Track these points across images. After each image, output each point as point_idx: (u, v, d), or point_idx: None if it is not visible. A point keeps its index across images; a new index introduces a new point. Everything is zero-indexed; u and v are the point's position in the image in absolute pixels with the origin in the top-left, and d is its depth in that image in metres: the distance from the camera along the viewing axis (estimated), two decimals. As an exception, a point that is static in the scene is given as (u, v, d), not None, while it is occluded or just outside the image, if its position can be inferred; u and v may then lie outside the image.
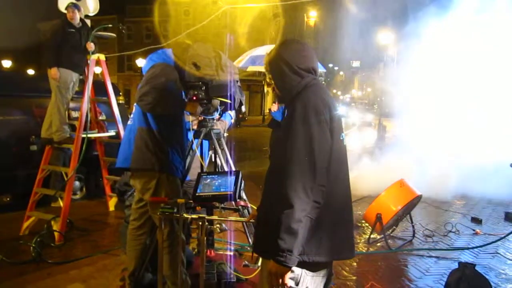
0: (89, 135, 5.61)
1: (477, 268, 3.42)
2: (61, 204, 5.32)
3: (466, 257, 4.94)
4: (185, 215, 2.82)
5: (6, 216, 6.08)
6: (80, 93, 5.89)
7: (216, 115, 3.81)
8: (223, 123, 4.55)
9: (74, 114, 6.41)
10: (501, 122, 8.67)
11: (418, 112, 9.88)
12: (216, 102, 3.62)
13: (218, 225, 3.03)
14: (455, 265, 3.58)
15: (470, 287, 3.08)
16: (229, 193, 2.73)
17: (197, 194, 2.77)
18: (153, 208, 3.17)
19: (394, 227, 5.67)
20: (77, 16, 5.69)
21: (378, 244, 5.36)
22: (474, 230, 5.93)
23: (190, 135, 3.69)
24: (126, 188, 3.82)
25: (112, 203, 6.54)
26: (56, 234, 5.07)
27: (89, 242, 5.21)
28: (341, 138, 2.11)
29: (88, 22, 6.02)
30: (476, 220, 6.31)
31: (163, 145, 3.27)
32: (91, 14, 6.07)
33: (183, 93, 3.43)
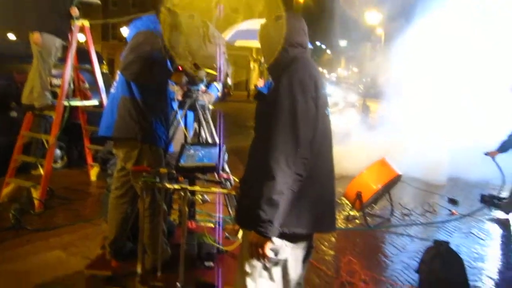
0: (71, 103, 5.53)
1: (451, 246, 3.52)
2: (42, 172, 5.27)
3: (442, 236, 5.06)
4: (167, 185, 2.83)
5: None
6: (63, 60, 5.76)
7: (202, 86, 3.78)
8: (209, 95, 4.52)
9: (57, 81, 6.27)
10: (486, 105, 8.79)
11: (403, 93, 9.96)
12: (202, 73, 3.59)
13: (200, 196, 3.04)
14: (430, 243, 3.68)
15: (444, 264, 3.17)
16: (212, 164, 2.74)
17: (180, 165, 2.78)
18: (135, 177, 3.17)
19: (373, 205, 5.77)
20: None
21: (357, 221, 5.46)
22: (450, 210, 6.06)
23: (175, 105, 3.67)
24: (108, 157, 3.81)
25: (93, 172, 6.50)
26: (36, 201, 5.04)
27: (70, 210, 5.20)
28: (326, 113, 2.12)
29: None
30: (453, 201, 6.45)
31: (147, 114, 3.23)
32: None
33: (168, 62, 3.38)
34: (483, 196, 6.39)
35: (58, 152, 7.02)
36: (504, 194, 6.13)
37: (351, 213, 5.54)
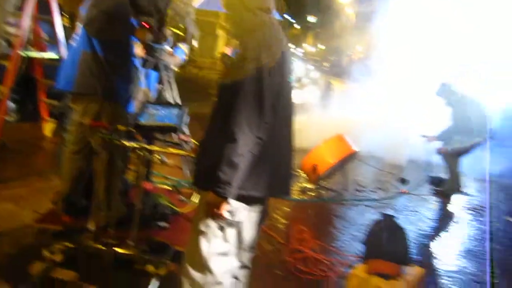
0: (29, 54, 5.31)
1: (397, 221, 3.68)
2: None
3: (390, 213, 5.27)
4: (125, 143, 2.80)
5: None
6: (21, 8, 5.48)
7: (167, 47, 3.71)
8: (175, 58, 4.45)
9: (13, 30, 5.98)
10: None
11: (369, 74, 10.12)
12: (167, 32, 3.53)
13: (158, 157, 3.01)
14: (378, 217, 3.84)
15: (390, 236, 3.31)
16: (172, 125, 2.71)
17: (139, 123, 2.74)
18: (93, 133, 3.11)
19: (328, 178, 5.93)
20: None
21: (311, 193, 5.60)
22: (400, 189, 6.31)
23: (138, 63, 3.59)
24: (66, 111, 3.69)
25: (48, 128, 6.30)
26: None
27: (22, 164, 5.06)
28: (289, 81, 2.15)
29: None
30: (403, 181, 6.70)
31: (108, 71, 3.14)
32: None
33: (132, 19, 3.28)
34: (432, 178, 6.67)
35: (11, 104, 6.75)
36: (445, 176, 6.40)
37: (306, 185, 5.67)
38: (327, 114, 9.69)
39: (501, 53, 8.59)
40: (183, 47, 4.62)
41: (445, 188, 6.18)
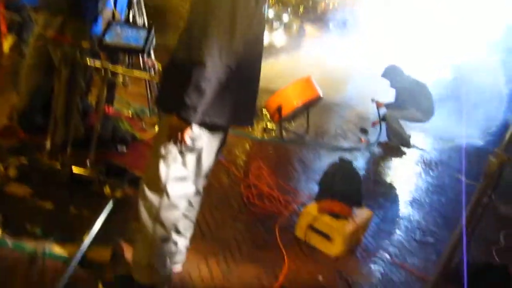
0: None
1: (353, 164, 3.81)
2: None
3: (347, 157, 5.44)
4: (88, 61, 2.71)
5: None
6: None
7: None
8: None
9: None
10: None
11: (346, 22, 10.04)
12: None
13: (121, 80, 2.94)
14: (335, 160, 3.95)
15: (344, 177, 3.44)
16: (139, 47, 2.61)
17: (103, 41, 2.62)
18: (55, 47, 2.99)
19: (291, 120, 5.98)
20: None
21: (273, 133, 5.66)
22: (360, 138, 6.47)
23: None
24: (27, 24, 3.51)
25: (7, 43, 5.98)
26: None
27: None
28: (263, 11, 2.10)
29: None
30: (364, 131, 6.85)
31: None
32: None
33: None
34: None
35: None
36: None
37: (269, 124, 5.71)
38: (296, 58, 9.63)
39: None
40: None
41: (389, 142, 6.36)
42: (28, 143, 3.26)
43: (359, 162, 5.40)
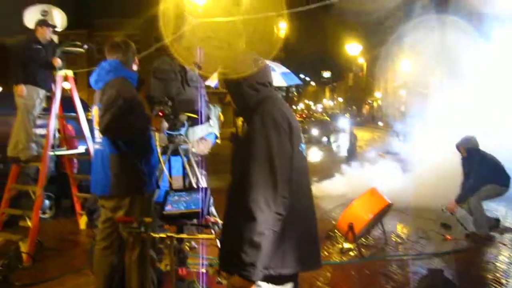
0: (57, 153, 5.51)
1: (445, 273, 3.51)
2: (29, 224, 5.18)
3: (436, 262, 5.03)
4: (153, 234, 2.78)
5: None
6: (47, 109, 5.77)
7: (183, 131, 3.76)
8: (206, 142, 4.53)
9: (42, 131, 6.27)
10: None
11: (390, 120, 10.11)
12: (183, 117, 3.61)
13: (188, 244, 3.00)
14: (425, 271, 3.66)
15: (440, 293, 3.15)
16: (196, 210, 2.69)
17: (164, 213, 2.76)
18: (123, 228, 3.16)
19: (366, 235, 5.75)
20: (48, 33, 5.62)
21: (351, 253, 5.41)
22: (443, 235, 6.05)
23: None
24: (95, 207, 3.76)
25: (82, 221, 6.39)
26: (24, 255, 4.93)
27: (59, 262, 5.09)
28: (300, 149, 2.13)
29: (55, 37, 5.93)
30: (446, 226, 6.43)
31: (138, 166, 3.26)
32: (59, 30, 5.97)
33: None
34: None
35: (46, 202, 6.93)
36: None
37: (345, 245, 5.50)
38: (357, 165, 9.61)
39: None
40: (215, 129, 4.71)
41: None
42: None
43: (452, 265, 4.94)
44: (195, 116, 3.60)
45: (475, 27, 9.36)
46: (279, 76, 7.69)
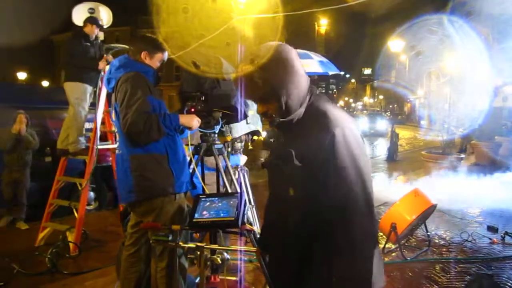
0: (103, 146, 5.65)
1: (495, 279, 3.37)
2: (76, 215, 5.36)
3: (483, 267, 4.85)
4: (181, 244, 2.51)
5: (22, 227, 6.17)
6: (93, 104, 5.94)
7: (217, 129, 3.45)
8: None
9: (88, 125, 6.46)
10: None
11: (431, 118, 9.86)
12: (217, 114, 3.32)
13: (218, 256, 2.49)
14: (472, 276, 3.53)
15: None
16: (230, 219, 2.32)
17: (194, 220, 2.38)
18: (151, 234, 2.84)
19: (409, 236, 5.61)
20: (96, 31, 5.78)
21: (393, 254, 5.30)
22: (490, 239, 5.83)
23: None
24: (128, 212, 3.42)
25: (125, 213, 6.55)
26: (71, 245, 5.10)
27: (103, 253, 5.24)
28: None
29: (101, 34, 6.08)
30: (492, 229, 6.20)
31: (164, 165, 3.00)
32: (105, 26, 6.12)
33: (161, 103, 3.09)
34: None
35: (91, 194, 7.15)
36: None
37: (387, 245, 5.39)
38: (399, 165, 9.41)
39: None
40: (254, 126, 4.56)
41: None
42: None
43: (500, 270, 4.75)
44: (230, 112, 3.27)
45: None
46: (317, 63, 7.19)
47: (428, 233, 5.56)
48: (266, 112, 1.80)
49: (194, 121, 3.13)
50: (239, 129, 4.74)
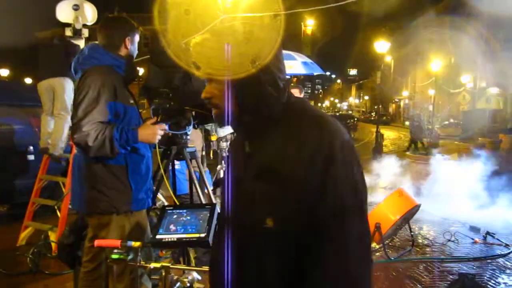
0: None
1: (477, 278, 3.41)
2: (59, 214, 5.28)
3: (465, 266, 4.91)
4: (143, 263, 2.05)
5: (4, 227, 6.06)
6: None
7: (190, 130, 3.03)
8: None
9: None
10: None
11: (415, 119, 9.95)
12: (189, 114, 2.93)
13: (186, 278, 2.00)
14: (455, 276, 3.57)
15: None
16: (198, 236, 1.86)
17: (157, 237, 1.90)
18: (107, 252, 2.38)
19: (393, 236, 5.65)
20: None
21: (378, 253, 5.33)
22: (473, 239, 5.90)
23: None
24: (84, 223, 2.96)
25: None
26: (53, 244, 5.02)
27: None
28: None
29: (86, 31, 5.99)
30: (475, 229, 6.28)
31: (121, 179, 2.65)
32: (89, 24, 6.04)
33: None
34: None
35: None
36: None
37: (372, 245, 5.42)
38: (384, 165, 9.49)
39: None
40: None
41: None
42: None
43: (482, 270, 4.81)
44: (205, 112, 2.76)
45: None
46: (300, 65, 6.86)
47: (412, 233, 5.61)
48: (209, 98, 1.40)
49: (156, 136, 2.69)
50: (225, 128, 4.70)
